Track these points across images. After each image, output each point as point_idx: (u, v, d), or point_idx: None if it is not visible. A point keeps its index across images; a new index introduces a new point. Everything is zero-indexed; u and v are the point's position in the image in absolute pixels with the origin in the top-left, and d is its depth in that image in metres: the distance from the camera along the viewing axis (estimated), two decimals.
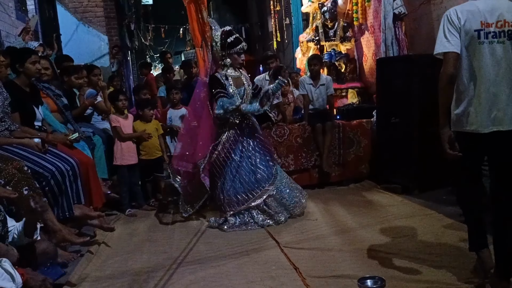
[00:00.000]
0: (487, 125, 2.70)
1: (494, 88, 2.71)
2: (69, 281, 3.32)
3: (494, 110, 2.70)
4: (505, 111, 2.69)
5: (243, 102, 4.59)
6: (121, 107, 5.35)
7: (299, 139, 5.84)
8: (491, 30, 2.68)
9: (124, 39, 12.74)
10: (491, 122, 2.70)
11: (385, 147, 5.66)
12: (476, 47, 2.71)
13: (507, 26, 2.67)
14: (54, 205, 3.59)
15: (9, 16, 6.35)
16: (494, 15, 2.68)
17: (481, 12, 2.70)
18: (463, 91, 2.77)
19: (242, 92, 4.65)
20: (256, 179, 4.55)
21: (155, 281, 3.32)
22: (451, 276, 3.05)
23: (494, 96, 2.71)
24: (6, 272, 2.28)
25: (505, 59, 2.70)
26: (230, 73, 4.65)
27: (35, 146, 3.67)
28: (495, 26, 2.67)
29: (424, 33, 5.84)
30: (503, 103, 2.70)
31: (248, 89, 4.72)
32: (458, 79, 2.78)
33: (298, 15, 8.56)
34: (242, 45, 4.62)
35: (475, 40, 2.70)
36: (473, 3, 2.76)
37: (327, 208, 4.96)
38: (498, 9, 2.69)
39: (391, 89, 5.50)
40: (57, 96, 4.79)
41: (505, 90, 2.71)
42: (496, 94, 2.71)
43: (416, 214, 4.51)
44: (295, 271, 3.30)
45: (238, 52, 4.61)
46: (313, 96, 5.95)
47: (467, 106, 2.76)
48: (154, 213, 5.27)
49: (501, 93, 2.71)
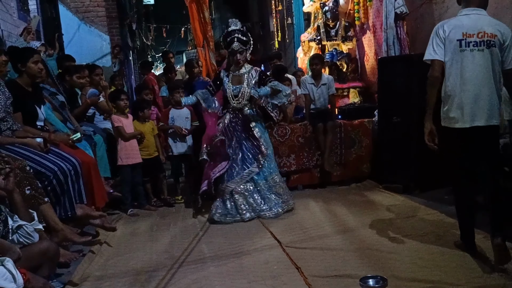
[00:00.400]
0: (468, 120, 3.21)
1: (475, 89, 3.20)
2: (71, 280, 3.34)
3: (475, 108, 3.19)
4: (483, 109, 3.19)
5: (239, 100, 4.88)
6: (123, 107, 5.36)
7: (301, 139, 5.84)
8: (472, 40, 3.20)
9: (126, 39, 12.74)
10: (471, 118, 3.20)
11: (386, 146, 5.66)
12: (458, 54, 3.23)
13: (486, 37, 3.18)
14: (56, 205, 3.60)
15: (11, 16, 6.35)
16: (475, 27, 3.20)
17: (464, 25, 3.23)
18: (449, 91, 3.28)
19: (237, 90, 4.87)
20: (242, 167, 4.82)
21: (157, 281, 3.32)
22: (453, 275, 3.05)
23: (475, 96, 3.20)
24: (8, 272, 2.28)
25: (484, 65, 3.20)
26: (233, 71, 4.94)
27: (37, 145, 3.68)
28: (476, 37, 3.19)
29: (426, 33, 5.80)
30: (482, 102, 3.19)
31: (245, 88, 4.86)
32: (446, 81, 3.30)
33: (300, 14, 8.55)
34: (235, 44, 4.82)
35: (457, 48, 3.23)
36: (459, 18, 3.31)
37: (329, 208, 4.96)
38: (479, 23, 3.21)
39: (393, 89, 5.50)
40: (52, 95, 4.79)
41: (485, 91, 3.20)
42: (477, 95, 3.20)
43: (417, 213, 4.51)
44: (297, 271, 3.30)
45: (231, 52, 4.88)
46: (314, 96, 5.95)
47: (452, 105, 3.26)
48: (156, 212, 5.28)
49: (481, 94, 3.20)
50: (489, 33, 3.18)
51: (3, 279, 2.24)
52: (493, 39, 3.18)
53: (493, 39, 3.18)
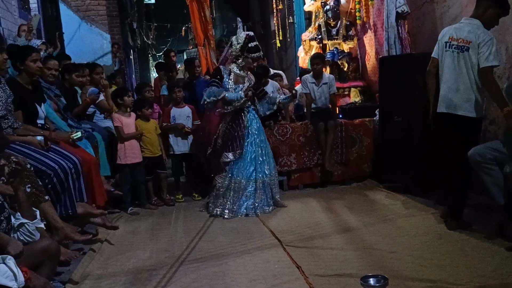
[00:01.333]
0: (444, 107, 3.95)
1: (453, 84, 3.89)
2: (71, 278, 3.33)
3: (453, 98, 3.88)
4: (457, 101, 3.85)
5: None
6: (130, 102, 5.42)
7: (302, 138, 5.84)
8: (454, 43, 3.87)
9: (127, 37, 12.75)
10: (447, 106, 3.92)
11: (387, 146, 5.64)
12: (444, 53, 3.96)
13: (462, 42, 3.82)
14: (56, 203, 3.60)
15: (12, 15, 6.36)
16: (460, 34, 3.86)
17: (453, 31, 3.93)
18: (440, 83, 4.01)
19: (239, 89, 4.91)
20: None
21: (158, 279, 3.31)
22: (453, 275, 3.04)
23: (453, 89, 3.88)
24: (10, 270, 2.28)
25: (459, 65, 3.85)
26: (235, 70, 4.96)
27: (37, 144, 3.67)
28: (457, 41, 3.85)
29: (427, 32, 5.82)
30: (458, 95, 3.85)
31: (244, 88, 4.92)
32: (440, 75, 4.02)
33: (301, 13, 8.53)
34: (259, 53, 5.01)
35: (443, 48, 3.96)
36: (457, 24, 4.00)
37: (330, 207, 4.96)
38: (464, 30, 3.84)
39: (394, 88, 5.49)
40: (57, 97, 4.80)
41: (460, 86, 3.85)
42: (454, 88, 3.87)
43: (418, 213, 4.51)
44: (297, 270, 3.29)
45: (254, 58, 4.98)
46: (315, 95, 5.94)
47: (440, 94, 3.99)
48: (156, 211, 5.28)
49: (457, 88, 3.86)
50: (465, 40, 3.80)
51: (4, 277, 2.24)
52: (467, 44, 3.79)
53: (467, 44, 3.79)
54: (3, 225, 2.47)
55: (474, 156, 3.68)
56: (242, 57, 4.94)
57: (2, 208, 2.50)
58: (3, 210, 2.51)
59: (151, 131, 5.42)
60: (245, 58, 4.95)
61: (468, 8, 4.94)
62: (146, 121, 5.45)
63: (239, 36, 4.97)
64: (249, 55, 4.93)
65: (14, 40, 5.85)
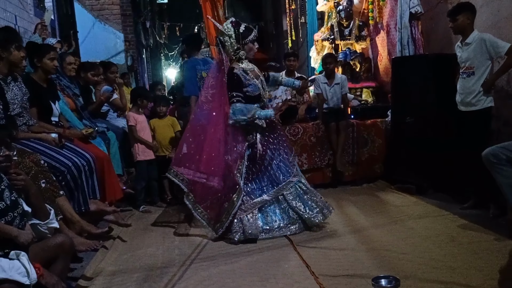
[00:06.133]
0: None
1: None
2: (84, 274, 3.36)
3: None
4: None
5: (262, 96, 4.29)
6: (145, 107, 5.46)
7: (313, 138, 5.84)
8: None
9: (140, 36, 12.81)
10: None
11: (399, 147, 5.63)
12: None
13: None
14: (70, 200, 3.63)
15: (27, 13, 6.43)
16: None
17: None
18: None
19: (261, 84, 4.32)
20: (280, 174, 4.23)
21: (169, 277, 3.33)
22: (465, 277, 3.02)
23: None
24: (23, 266, 2.30)
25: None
26: (246, 67, 4.28)
27: (52, 141, 3.72)
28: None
29: (441, 33, 5.78)
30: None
31: (263, 79, 4.42)
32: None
33: (313, 13, 8.53)
34: (254, 32, 4.31)
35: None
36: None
37: (340, 207, 4.94)
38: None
39: (406, 89, 5.47)
40: (75, 96, 4.86)
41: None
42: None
43: (430, 214, 4.48)
44: (308, 270, 3.29)
45: (252, 39, 4.24)
46: (327, 95, 5.94)
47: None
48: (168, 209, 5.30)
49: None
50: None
51: (17, 273, 2.26)
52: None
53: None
54: (16, 222, 2.49)
55: (488, 157, 3.65)
56: (241, 47, 4.21)
57: (15, 205, 2.53)
58: (17, 207, 2.53)
59: (166, 128, 5.44)
60: (244, 45, 4.21)
61: (483, 9, 4.91)
62: (160, 119, 5.49)
63: (225, 28, 4.22)
64: (247, 39, 4.21)
65: (30, 38, 5.91)
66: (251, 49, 4.28)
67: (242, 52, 4.23)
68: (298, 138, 5.80)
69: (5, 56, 3.56)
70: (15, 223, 2.46)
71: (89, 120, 4.89)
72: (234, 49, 4.21)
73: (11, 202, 2.47)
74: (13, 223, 2.45)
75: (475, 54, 4.28)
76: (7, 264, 2.24)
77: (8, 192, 2.48)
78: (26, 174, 2.86)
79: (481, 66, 4.26)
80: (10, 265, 2.24)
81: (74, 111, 4.72)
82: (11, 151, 2.79)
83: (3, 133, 2.88)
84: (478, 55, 4.26)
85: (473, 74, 4.31)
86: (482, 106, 4.30)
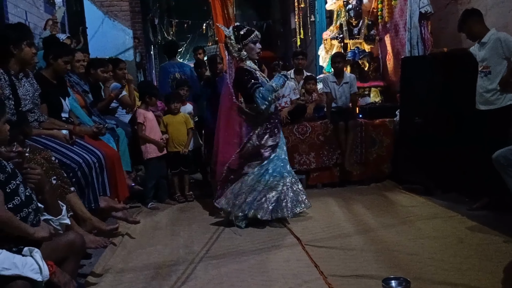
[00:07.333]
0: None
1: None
2: (93, 271, 3.39)
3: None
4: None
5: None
6: (154, 104, 5.48)
7: (321, 137, 5.83)
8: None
9: (148, 33, 12.81)
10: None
11: (407, 147, 5.61)
12: None
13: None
14: (80, 197, 3.64)
15: (37, 9, 6.45)
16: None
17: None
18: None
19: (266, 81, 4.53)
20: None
21: (178, 275, 3.35)
22: (475, 280, 3.02)
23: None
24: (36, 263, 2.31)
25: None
26: (251, 65, 4.51)
27: (63, 137, 3.74)
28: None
29: (451, 33, 5.75)
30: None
31: (267, 80, 4.63)
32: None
33: (322, 12, 8.50)
34: (255, 33, 4.51)
35: None
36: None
37: (348, 207, 4.95)
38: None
39: (415, 89, 5.46)
40: (85, 93, 4.88)
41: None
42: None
43: (438, 215, 4.47)
44: (316, 269, 3.30)
45: (253, 40, 4.45)
46: (336, 94, 5.93)
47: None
48: (176, 207, 5.32)
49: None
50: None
51: (30, 269, 2.27)
52: None
53: None
54: (30, 217, 2.50)
55: (498, 159, 3.65)
56: (242, 48, 4.44)
57: (30, 200, 2.54)
58: (31, 202, 2.54)
59: (179, 125, 5.46)
60: (245, 46, 4.44)
61: (494, 10, 4.89)
62: (173, 116, 5.52)
63: (226, 33, 4.52)
64: (247, 40, 4.42)
65: (40, 34, 5.94)
66: (253, 49, 4.48)
67: (243, 53, 4.46)
68: (306, 137, 5.80)
69: (16, 53, 3.56)
70: (29, 218, 2.47)
71: (98, 117, 4.91)
72: (235, 50, 4.46)
73: (26, 198, 2.49)
74: (28, 219, 2.46)
75: (491, 54, 4.29)
76: (20, 261, 2.25)
77: (23, 187, 2.49)
78: None
79: (497, 65, 4.27)
80: (23, 262, 2.25)
81: (84, 107, 4.74)
82: (24, 147, 2.80)
83: (16, 130, 2.89)
84: (494, 54, 4.27)
85: (490, 73, 4.32)
86: (501, 105, 4.29)
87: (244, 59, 4.48)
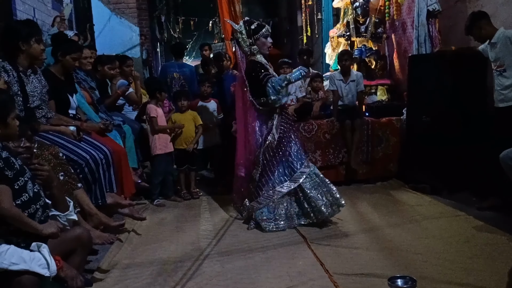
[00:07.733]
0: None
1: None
2: (99, 267, 3.41)
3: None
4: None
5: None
6: (163, 100, 5.48)
7: (327, 135, 5.82)
8: None
9: (154, 30, 12.83)
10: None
11: (414, 146, 5.59)
12: None
13: None
14: (87, 193, 3.66)
15: (45, 6, 6.48)
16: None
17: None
18: None
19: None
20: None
21: (183, 271, 3.36)
22: (481, 280, 3.01)
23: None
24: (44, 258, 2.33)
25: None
26: (261, 60, 4.50)
27: (70, 134, 3.76)
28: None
29: (459, 31, 5.69)
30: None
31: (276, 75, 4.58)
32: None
33: (329, 10, 8.49)
34: (266, 27, 4.52)
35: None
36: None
37: (354, 206, 4.94)
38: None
39: (423, 87, 5.43)
40: (92, 90, 4.89)
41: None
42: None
43: (445, 215, 4.46)
44: (322, 268, 3.30)
45: (264, 34, 4.45)
46: (342, 92, 5.91)
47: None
48: (182, 204, 5.33)
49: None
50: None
51: (38, 264, 2.29)
52: None
53: None
54: (38, 214, 2.52)
55: (505, 159, 3.64)
56: (254, 42, 4.43)
57: (38, 196, 2.56)
58: (39, 199, 2.56)
59: (187, 122, 5.47)
60: (256, 41, 4.43)
61: (504, 7, 4.86)
62: (182, 113, 5.52)
63: (237, 28, 4.49)
64: (258, 35, 4.41)
65: (48, 31, 5.96)
66: (264, 43, 4.48)
67: (254, 47, 4.45)
68: (313, 135, 5.79)
69: (25, 49, 3.58)
70: (37, 215, 2.49)
71: (105, 114, 4.93)
72: (247, 44, 4.44)
73: (34, 194, 2.50)
74: (36, 215, 2.48)
75: (503, 53, 4.32)
76: (28, 256, 2.28)
77: (31, 184, 2.51)
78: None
79: (511, 63, 4.29)
80: (31, 257, 2.28)
81: (91, 104, 4.75)
82: (32, 143, 2.82)
83: (24, 126, 2.91)
84: (506, 52, 4.30)
85: (505, 71, 4.34)
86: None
87: (256, 53, 4.46)
